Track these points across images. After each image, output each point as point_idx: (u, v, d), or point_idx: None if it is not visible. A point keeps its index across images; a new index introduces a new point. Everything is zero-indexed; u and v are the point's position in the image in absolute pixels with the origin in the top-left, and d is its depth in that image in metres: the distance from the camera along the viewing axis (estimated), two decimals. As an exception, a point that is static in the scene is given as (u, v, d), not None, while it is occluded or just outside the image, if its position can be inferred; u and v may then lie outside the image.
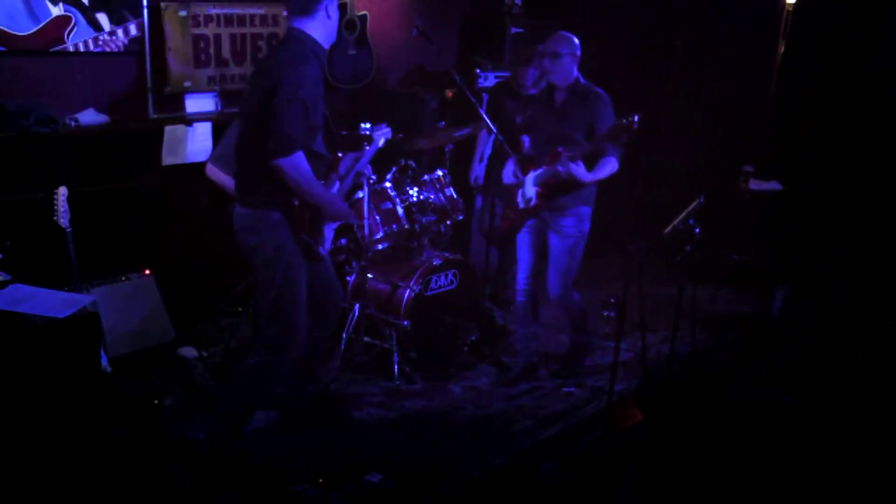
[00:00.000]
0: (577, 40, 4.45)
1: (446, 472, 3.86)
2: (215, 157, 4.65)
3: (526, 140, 4.73)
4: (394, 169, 4.99)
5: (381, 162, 4.96)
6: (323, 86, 3.58)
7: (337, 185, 3.91)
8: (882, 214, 5.83)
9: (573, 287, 4.68)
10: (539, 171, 4.49)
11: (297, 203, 3.57)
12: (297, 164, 3.42)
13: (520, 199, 4.64)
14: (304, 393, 4.18)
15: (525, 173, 4.59)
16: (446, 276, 4.89)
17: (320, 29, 3.58)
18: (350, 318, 4.74)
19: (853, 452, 3.97)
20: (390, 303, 4.76)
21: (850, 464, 3.89)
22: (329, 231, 3.82)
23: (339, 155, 3.95)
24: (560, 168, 4.35)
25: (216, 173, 4.54)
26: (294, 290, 3.64)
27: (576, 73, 4.46)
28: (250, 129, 3.56)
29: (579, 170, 4.32)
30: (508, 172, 4.69)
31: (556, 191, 4.46)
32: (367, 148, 4.13)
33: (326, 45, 3.63)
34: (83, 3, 4.60)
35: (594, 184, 4.48)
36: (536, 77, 5.30)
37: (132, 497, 3.36)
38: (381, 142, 4.18)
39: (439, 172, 5.05)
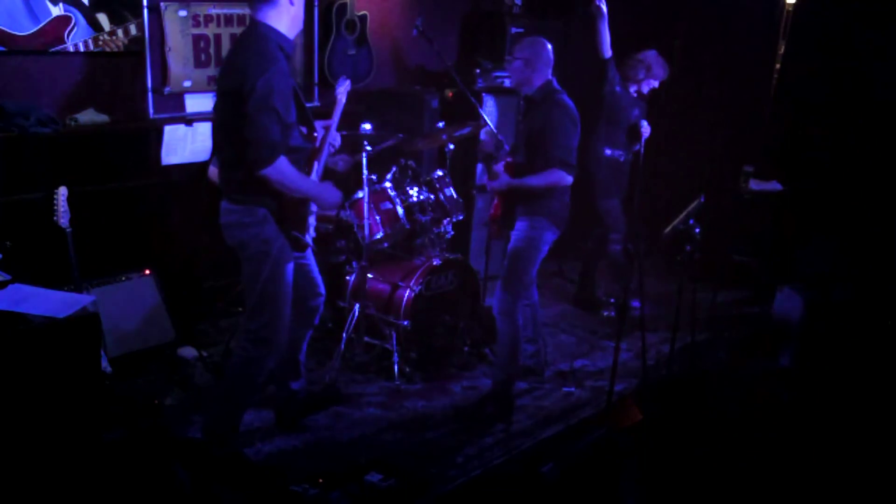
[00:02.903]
0: (547, 46, 4.34)
1: (446, 472, 3.87)
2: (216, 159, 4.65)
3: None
4: (394, 169, 4.99)
5: (381, 162, 4.97)
6: (292, 79, 3.47)
7: (316, 166, 3.81)
8: (882, 214, 5.83)
9: (515, 309, 4.35)
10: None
11: (281, 198, 3.54)
12: (282, 169, 3.38)
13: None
14: (295, 392, 4.18)
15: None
16: (446, 276, 4.89)
17: (284, 18, 3.45)
18: (350, 318, 4.74)
19: (853, 452, 3.97)
20: (390, 303, 4.76)
21: (850, 464, 3.89)
22: (311, 219, 3.78)
23: (315, 135, 3.82)
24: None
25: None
26: (280, 285, 3.63)
27: (538, 81, 4.33)
28: (226, 134, 3.51)
29: (499, 183, 4.33)
30: (484, 177, 4.64)
31: (509, 198, 4.41)
32: (335, 111, 3.97)
33: (292, 35, 3.50)
34: (83, 3, 4.60)
35: (546, 195, 4.30)
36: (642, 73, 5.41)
37: (132, 497, 3.36)
38: (343, 97, 4.01)
39: (439, 172, 5.05)
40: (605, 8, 5.11)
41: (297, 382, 4.19)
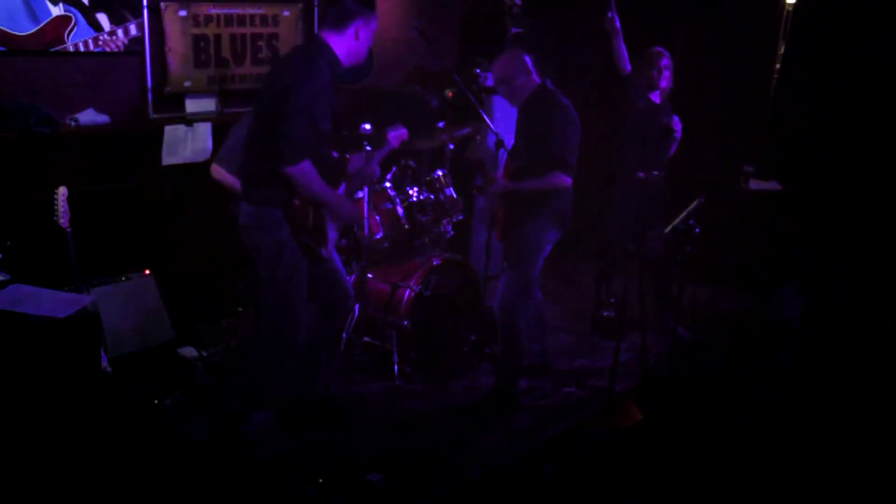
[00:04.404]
0: (520, 58, 4.33)
1: (446, 472, 3.86)
2: (219, 157, 4.66)
3: None
4: (394, 169, 4.99)
5: (382, 162, 4.96)
6: (333, 94, 3.63)
7: (343, 185, 3.91)
8: (882, 214, 5.83)
9: (516, 307, 4.38)
10: None
11: (297, 203, 3.58)
12: (306, 171, 3.48)
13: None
14: (304, 393, 4.18)
15: None
16: (446, 276, 4.89)
17: (345, 47, 3.64)
18: (350, 318, 4.74)
19: (853, 452, 3.97)
20: (390, 303, 4.76)
21: (849, 464, 3.89)
22: (332, 232, 3.82)
23: (348, 157, 3.96)
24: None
25: (220, 173, 4.55)
26: (294, 289, 3.66)
27: (525, 92, 4.32)
28: (261, 128, 3.61)
29: (497, 188, 4.41)
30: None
31: (510, 201, 4.43)
32: (383, 148, 4.19)
33: (346, 62, 3.68)
34: (83, 3, 4.60)
35: (548, 195, 4.28)
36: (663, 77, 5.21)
37: (132, 497, 3.36)
38: (395, 143, 4.25)
39: (439, 172, 5.06)
40: (618, 23, 5.01)
41: (314, 386, 4.20)
